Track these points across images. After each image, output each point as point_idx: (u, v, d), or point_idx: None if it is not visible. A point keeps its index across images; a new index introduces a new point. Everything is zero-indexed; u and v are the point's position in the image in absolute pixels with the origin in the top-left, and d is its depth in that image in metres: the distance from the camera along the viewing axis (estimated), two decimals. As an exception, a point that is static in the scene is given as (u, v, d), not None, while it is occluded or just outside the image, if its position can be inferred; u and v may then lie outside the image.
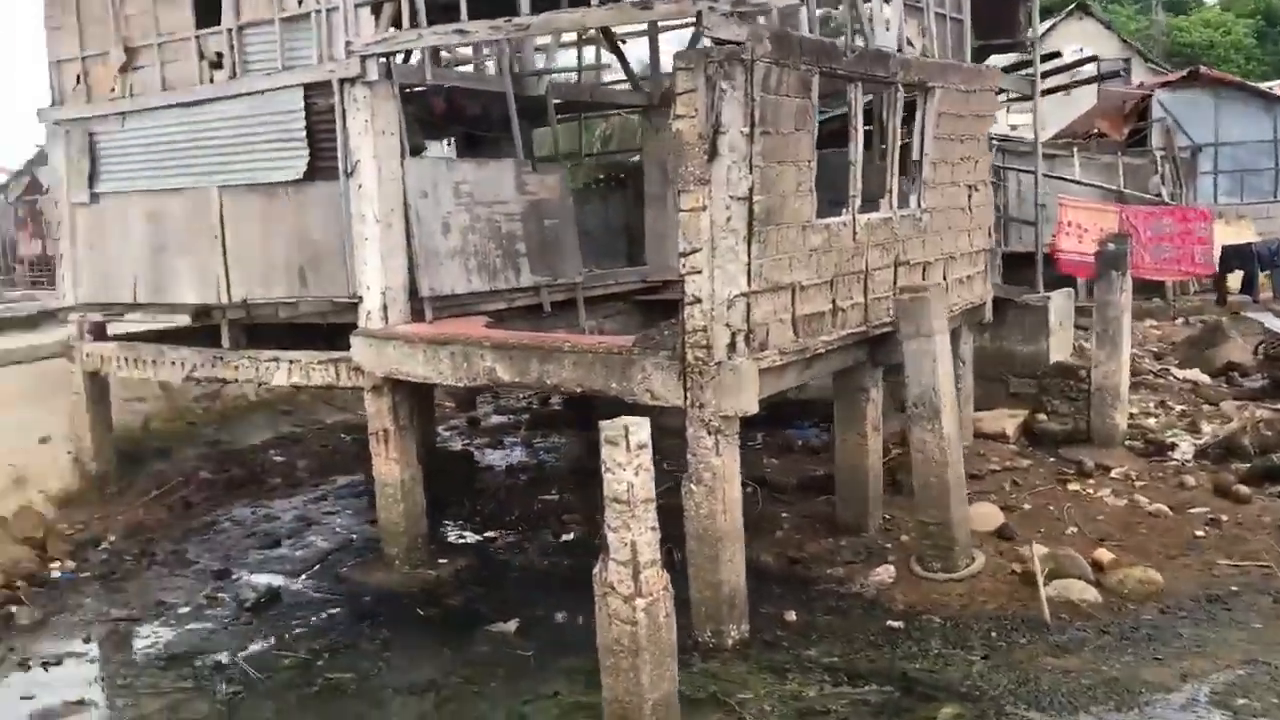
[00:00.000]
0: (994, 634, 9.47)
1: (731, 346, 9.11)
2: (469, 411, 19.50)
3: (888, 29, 11.37)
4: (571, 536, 12.93)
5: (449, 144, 17.59)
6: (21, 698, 9.33)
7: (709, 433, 9.19)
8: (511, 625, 10.30)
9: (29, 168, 40.33)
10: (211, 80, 12.49)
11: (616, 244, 17.27)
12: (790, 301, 9.81)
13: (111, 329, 14.67)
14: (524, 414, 19.24)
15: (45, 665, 10.02)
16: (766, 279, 9.38)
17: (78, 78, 13.75)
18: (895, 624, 9.81)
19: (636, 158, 21.41)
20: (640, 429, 7.08)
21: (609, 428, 7.08)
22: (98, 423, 14.57)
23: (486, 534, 13.30)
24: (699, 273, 9.11)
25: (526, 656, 9.61)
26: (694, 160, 8.98)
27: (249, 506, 14.67)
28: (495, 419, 19.34)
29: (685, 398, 9.28)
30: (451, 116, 15.59)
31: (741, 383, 9.09)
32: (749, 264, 9.12)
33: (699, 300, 9.12)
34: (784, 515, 12.65)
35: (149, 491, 14.52)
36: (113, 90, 13.42)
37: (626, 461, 7.02)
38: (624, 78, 17.06)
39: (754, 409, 9.22)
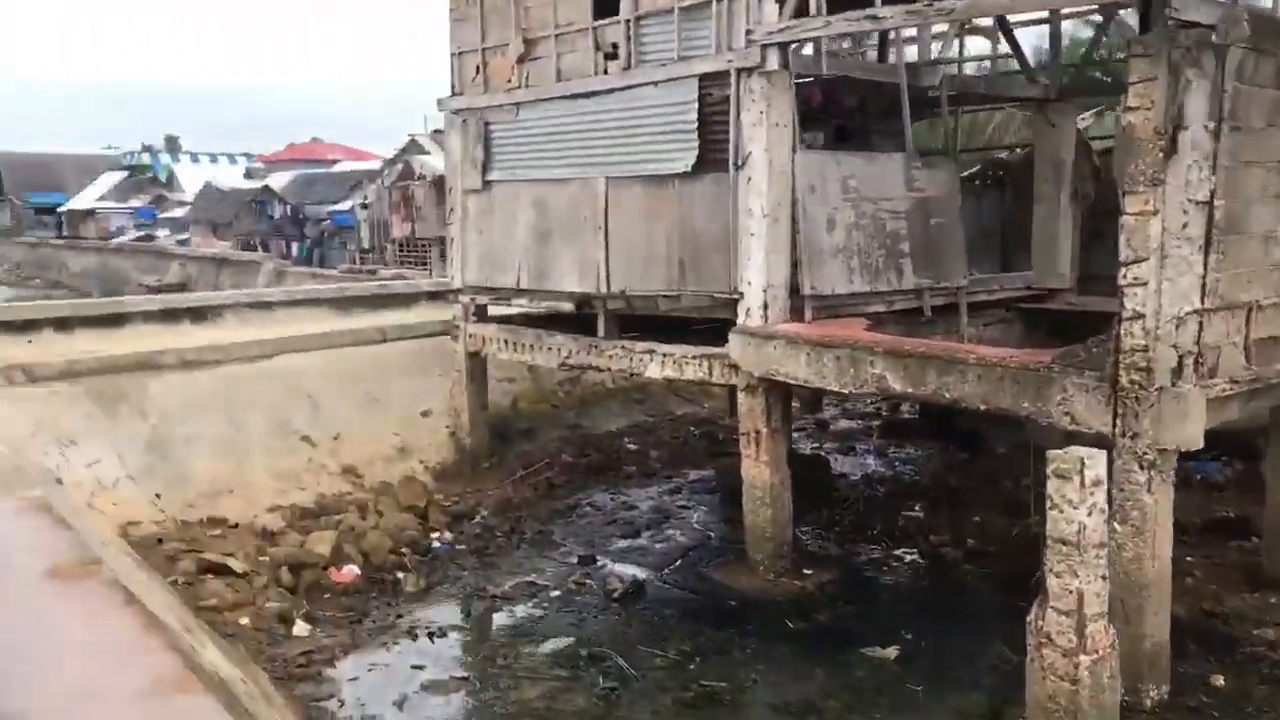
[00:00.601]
0: None
1: (1177, 371, 8.01)
2: (815, 413, 18.96)
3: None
4: (941, 559, 12.13)
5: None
6: (412, 667, 9.67)
7: (1141, 467, 8.13)
8: (890, 652, 9.65)
9: (401, 155, 43.75)
10: (605, 71, 12.58)
11: (989, 247, 16.16)
12: (1245, 323, 8.55)
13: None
14: (874, 420, 18.49)
15: (431, 636, 10.35)
16: (1222, 296, 8.19)
17: (477, 68, 14.31)
18: (1354, 707, 8.37)
19: (1005, 154, 20.17)
20: (1096, 463, 6.26)
21: (1059, 459, 6.30)
22: (475, 400, 15.21)
23: (848, 547, 12.69)
24: (1143, 285, 8.05)
25: (913, 690, 8.94)
26: (1146, 158, 7.93)
27: (607, 492, 14.83)
28: (844, 423, 18.70)
29: (1114, 426, 8.26)
30: (827, 108, 15.09)
31: (1186, 413, 7.98)
32: (1204, 278, 7.98)
33: (1141, 316, 8.07)
34: (1188, 559, 11.25)
35: (516, 470, 14.99)
36: (509, 81, 13.85)
37: (1079, 499, 6.22)
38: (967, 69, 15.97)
39: (1199, 444, 8.10)
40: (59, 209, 77.85)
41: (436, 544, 12.68)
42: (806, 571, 11.55)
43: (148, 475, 12.39)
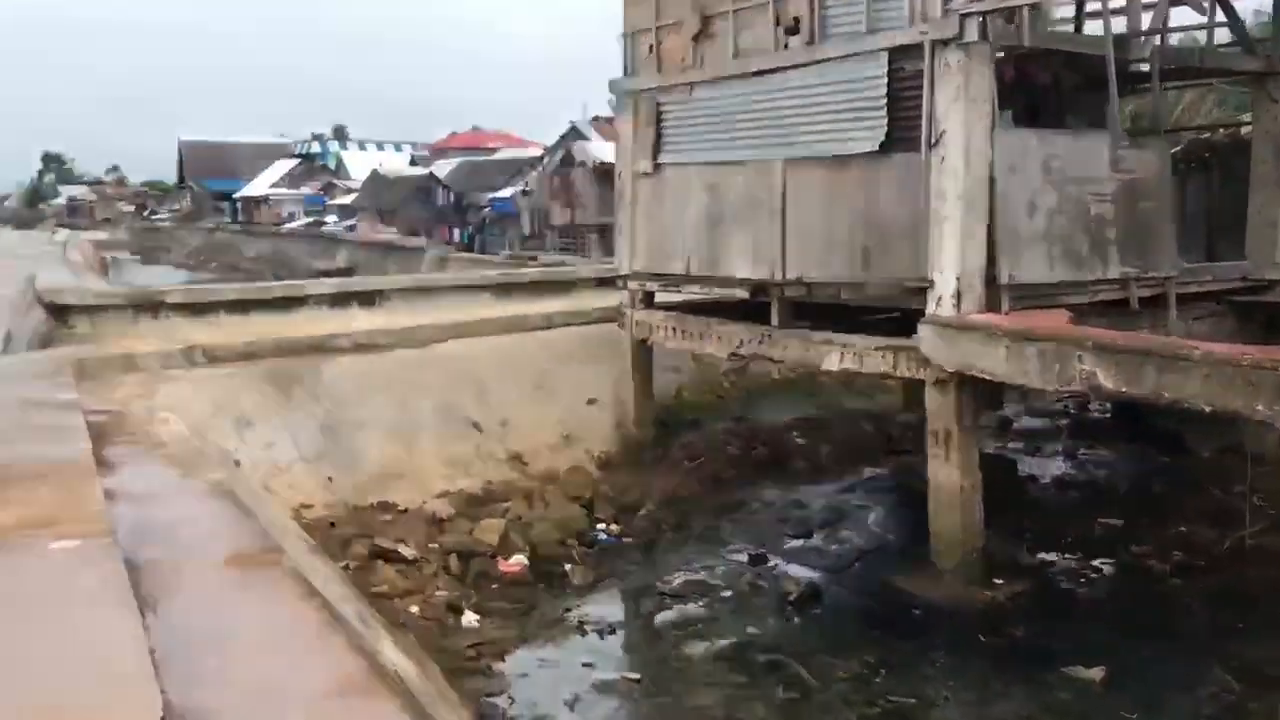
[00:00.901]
0: None
1: None
2: (996, 410, 17.92)
3: None
4: (1144, 572, 11.17)
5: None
6: (583, 664, 9.34)
7: None
8: (1096, 672, 8.83)
9: (562, 142, 43.98)
10: (785, 48, 12.00)
11: (1194, 233, 14.94)
12: None
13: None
14: (1061, 419, 17.39)
15: (600, 633, 10.01)
16: None
17: (650, 48, 13.91)
18: None
19: (1208, 134, 18.70)
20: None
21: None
22: (641, 389, 14.88)
23: (1040, 556, 11.82)
24: None
25: (1126, 718, 8.14)
26: None
27: (776, 488, 14.26)
28: (1027, 421, 17.64)
29: (1373, 433, 7.31)
30: (1019, 84, 14.11)
31: None
32: None
33: None
34: None
35: (681, 462, 14.54)
36: (683, 60, 13.40)
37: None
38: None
39: None
40: (234, 195, 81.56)
41: (603, 536, 12.37)
42: (997, 581, 10.77)
43: (321, 458, 12.43)
